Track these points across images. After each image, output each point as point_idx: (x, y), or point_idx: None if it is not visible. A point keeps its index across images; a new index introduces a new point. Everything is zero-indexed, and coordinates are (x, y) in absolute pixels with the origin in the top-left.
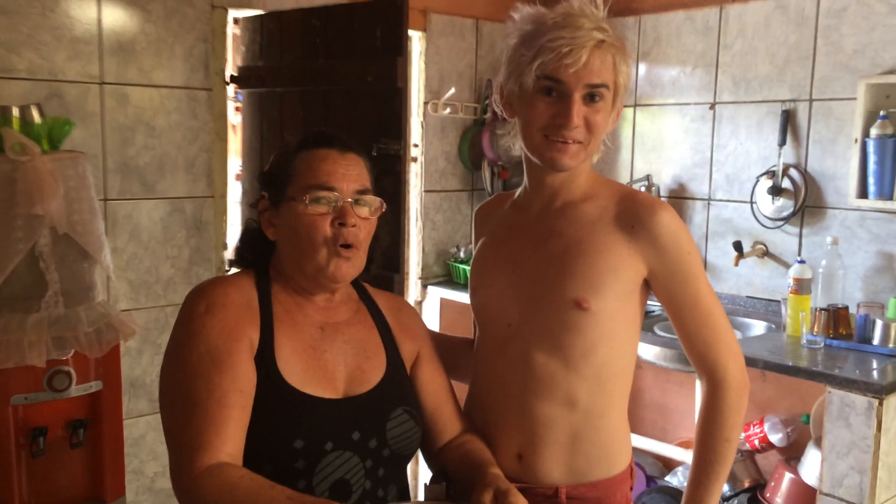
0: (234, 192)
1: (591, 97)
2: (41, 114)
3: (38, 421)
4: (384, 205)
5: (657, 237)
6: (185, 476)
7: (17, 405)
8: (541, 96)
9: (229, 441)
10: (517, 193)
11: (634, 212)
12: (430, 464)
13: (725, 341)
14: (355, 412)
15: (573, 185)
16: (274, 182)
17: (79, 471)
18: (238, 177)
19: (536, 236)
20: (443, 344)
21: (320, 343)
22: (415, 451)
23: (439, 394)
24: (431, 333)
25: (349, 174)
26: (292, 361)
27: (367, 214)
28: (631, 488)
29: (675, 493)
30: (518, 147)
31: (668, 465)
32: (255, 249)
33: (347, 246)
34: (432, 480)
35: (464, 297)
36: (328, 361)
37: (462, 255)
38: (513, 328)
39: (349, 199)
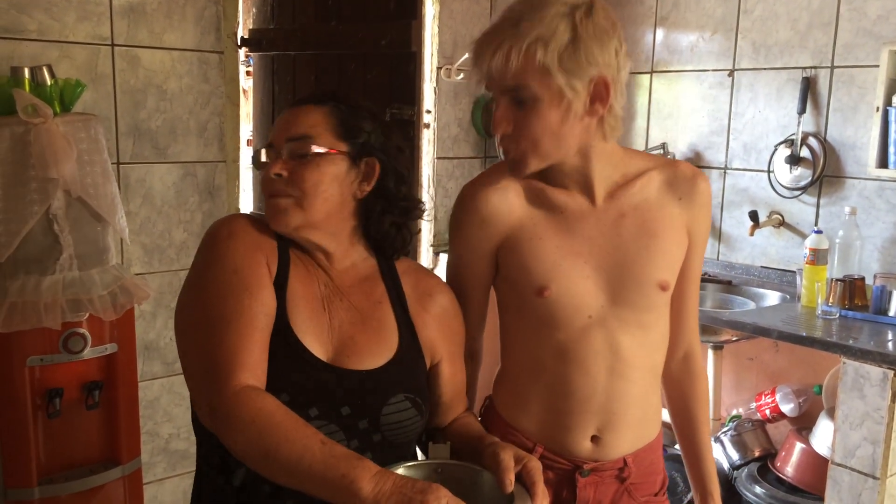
0: (246, 158)
1: (518, 102)
2: (52, 75)
3: (53, 382)
4: (319, 147)
5: (700, 206)
6: (218, 394)
7: (34, 366)
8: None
9: (260, 365)
10: (533, 178)
11: (679, 183)
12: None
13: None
14: (350, 387)
15: (608, 166)
16: None
17: (94, 432)
18: (250, 142)
19: (603, 222)
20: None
21: (322, 300)
22: (411, 441)
23: (458, 389)
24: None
25: (287, 125)
26: (301, 306)
27: (292, 157)
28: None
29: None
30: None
31: None
32: None
33: (272, 196)
34: (435, 440)
35: None
36: (323, 320)
37: None
38: (594, 319)
39: (281, 150)
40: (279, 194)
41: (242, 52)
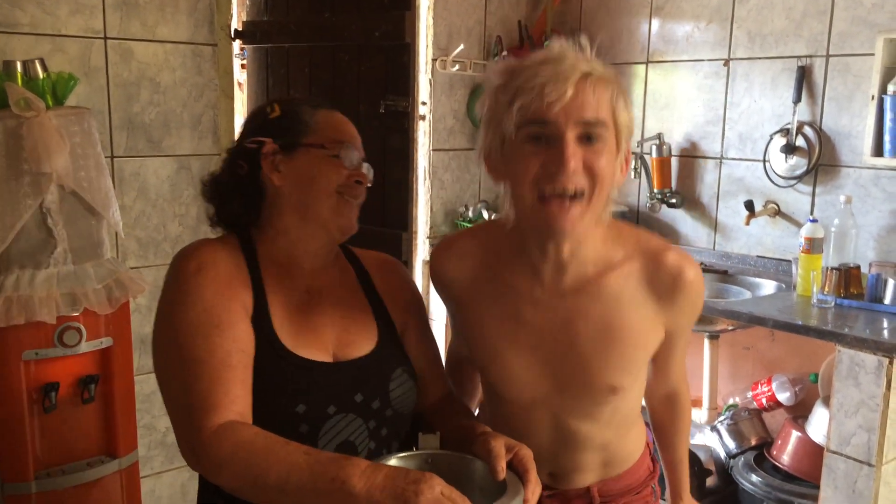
0: None
1: (587, 138)
2: (45, 69)
3: (49, 376)
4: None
5: (683, 306)
6: (195, 437)
7: (29, 361)
8: (528, 146)
9: (237, 400)
10: (501, 245)
11: (662, 280)
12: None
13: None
14: (356, 375)
15: (587, 253)
16: (287, 129)
17: (91, 426)
18: None
19: (557, 317)
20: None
21: (308, 306)
22: (413, 407)
23: (426, 358)
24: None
25: (360, 142)
26: (286, 324)
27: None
28: (651, 455)
29: None
30: (514, 217)
31: None
32: (245, 202)
33: (358, 198)
34: (425, 430)
35: None
36: (317, 324)
37: (471, 214)
38: (538, 399)
39: (365, 163)
40: (360, 197)
41: (237, 44)
